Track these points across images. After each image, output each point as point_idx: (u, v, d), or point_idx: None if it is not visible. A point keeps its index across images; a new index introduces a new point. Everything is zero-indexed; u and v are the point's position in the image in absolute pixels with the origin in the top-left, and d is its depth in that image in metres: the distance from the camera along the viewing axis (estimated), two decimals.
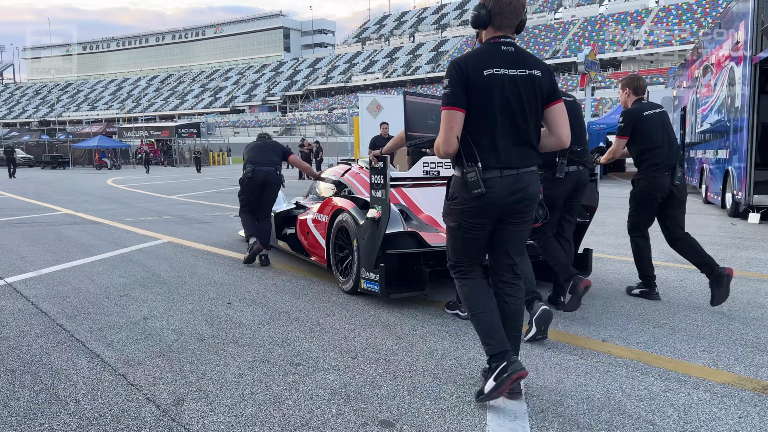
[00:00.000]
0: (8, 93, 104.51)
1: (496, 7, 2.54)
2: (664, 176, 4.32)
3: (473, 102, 2.48)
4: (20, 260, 6.04)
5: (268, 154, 6.17)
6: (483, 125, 2.49)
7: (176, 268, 5.66)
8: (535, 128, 2.59)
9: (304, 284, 5.03)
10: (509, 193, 2.49)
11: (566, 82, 62.83)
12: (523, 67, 2.53)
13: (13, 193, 15.49)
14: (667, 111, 4.64)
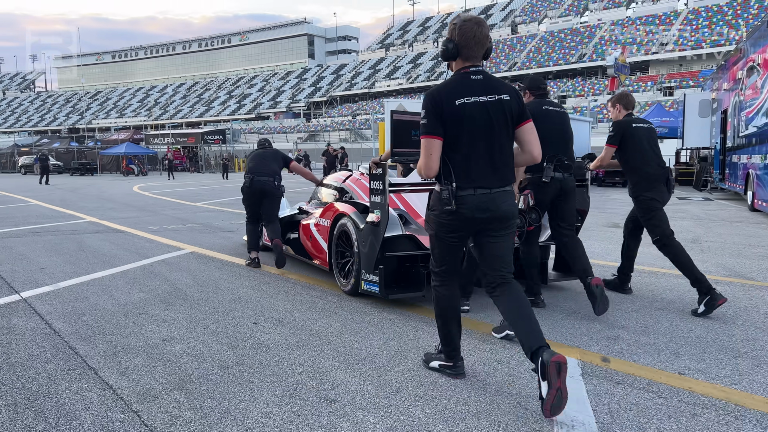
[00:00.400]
0: (40, 101, 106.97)
1: (462, 41, 2.75)
2: (661, 187, 4.55)
3: (448, 129, 2.71)
4: (39, 272, 5.79)
5: (268, 163, 6.17)
6: (458, 149, 2.73)
7: (199, 282, 5.35)
8: (508, 149, 2.81)
9: (335, 301, 4.66)
10: (481, 211, 2.70)
11: (593, 86, 61.77)
12: (492, 92, 2.75)
13: (39, 200, 15.50)
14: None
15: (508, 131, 2.79)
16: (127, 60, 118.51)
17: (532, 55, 68.83)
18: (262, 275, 5.69)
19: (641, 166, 4.59)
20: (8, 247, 7.40)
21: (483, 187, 2.72)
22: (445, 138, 2.72)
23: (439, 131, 2.71)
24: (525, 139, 2.84)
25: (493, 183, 2.74)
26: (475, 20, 2.79)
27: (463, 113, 2.71)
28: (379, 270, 4.29)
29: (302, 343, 3.60)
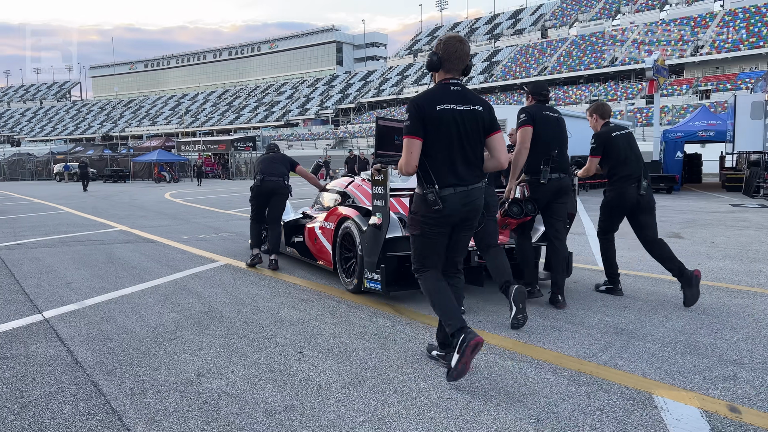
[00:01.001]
0: (75, 110, 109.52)
1: (445, 55, 3.05)
2: (631, 188, 4.76)
3: (429, 131, 3.00)
4: (65, 287, 5.40)
5: (277, 165, 6.59)
6: (438, 149, 3.02)
7: (236, 300, 4.87)
8: (480, 152, 3.14)
9: (388, 325, 4.12)
10: (462, 205, 3.04)
11: (625, 90, 60.23)
12: (468, 103, 3.07)
13: (71, 208, 15.39)
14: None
15: (480, 138, 3.13)
16: (159, 69, 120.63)
17: (563, 59, 67.58)
18: (302, 292, 5.19)
19: (620, 170, 4.83)
20: (36, 259, 7.07)
21: (461, 184, 3.05)
22: (425, 140, 3.01)
23: (420, 133, 3.00)
24: (494, 147, 3.16)
25: (468, 180, 3.08)
26: (457, 38, 3.11)
27: (442, 118, 3.02)
28: (381, 269, 4.60)
29: (359, 381, 3.06)
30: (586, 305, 4.66)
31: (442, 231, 3.10)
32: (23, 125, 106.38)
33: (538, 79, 65.94)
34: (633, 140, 4.90)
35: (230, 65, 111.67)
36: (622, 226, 5.10)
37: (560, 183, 4.51)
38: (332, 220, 5.56)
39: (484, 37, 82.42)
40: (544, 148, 4.44)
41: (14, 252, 7.64)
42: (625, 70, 62.82)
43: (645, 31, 64.38)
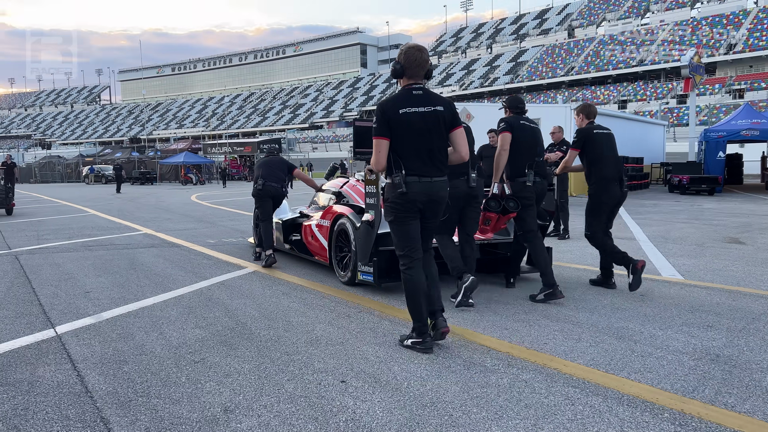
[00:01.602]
0: (105, 113, 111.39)
1: (407, 63, 3.43)
2: (615, 186, 5.06)
3: (395, 132, 3.38)
4: (83, 297, 5.00)
5: (276, 170, 6.86)
6: (403, 147, 3.41)
7: (266, 314, 4.40)
8: (443, 148, 3.49)
9: (441, 347, 3.59)
10: (424, 194, 3.42)
11: (655, 90, 58.64)
12: (429, 104, 3.42)
13: (97, 210, 15.21)
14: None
15: (442, 135, 3.45)
16: (186, 72, 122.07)
17: (590, 59, 66.21)
18: (338, 305, 4.70)
19: (600, 167, 5.10)
20: (56, 264, 6.72)
21: (425, 176, 3.40)
22: (392, 139, 3.37)
23: (386, 134, 3.36)
24: (456, 141, 3.51)
25: (432, 173, 3.42)
26: (417, 47, 3.45)
27: (405, 120, 3.35)
28: (373, 262, 4.94)
29: (415, 422, 2.55)
30: (665, 324, 4.07)
31: (411, 215, 3.45)
32: (54, 129, 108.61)
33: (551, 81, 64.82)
34: (613, 141, 5.26)
35: (256, 68, 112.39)
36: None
37: (542, 185, 5.00)
38: (328, 217, 5.90)
39: (510, 37, 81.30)
40: (526, 152, 4.86)
41: (35, 257, 7.33)
42: (655, 70, 61.27)
43: (675, 30, 62.67)
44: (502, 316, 4.32)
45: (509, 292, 5.14)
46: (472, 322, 4.14)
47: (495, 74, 73.35)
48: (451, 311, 4.35)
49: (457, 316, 4.28)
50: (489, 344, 3.62)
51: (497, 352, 3.49)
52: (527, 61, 72.20)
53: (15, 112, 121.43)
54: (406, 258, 3.50)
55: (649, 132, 26.47)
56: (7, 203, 13.79)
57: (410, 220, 3.45)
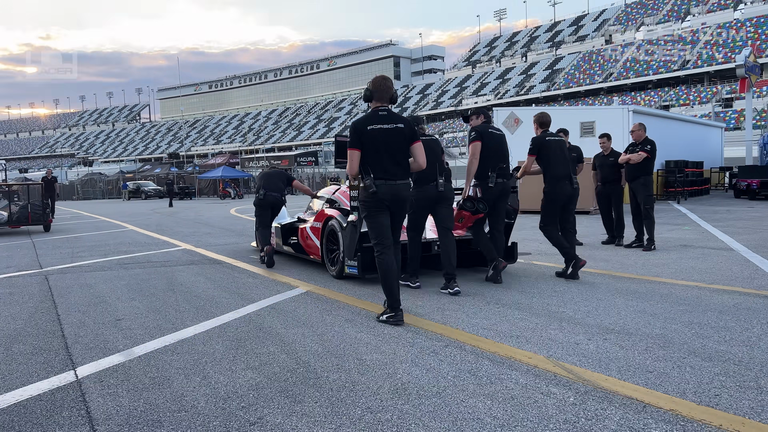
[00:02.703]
0: (144, 131, 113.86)
1: (375, 89, 4.30)
2: (565, 183, 5.85)
3: (364, 144, 4.19)
4: (112, 327, 4.25)
5: (276, 181, 7.68)
6: (372, 156, 4.21)
7: (332, 350, 3.55)
8: (405, 158, 4.33)
9: (574, 401, 2.67)
10: (390, 194, 4.21)
11: (699, 95, 56.23)
12: (392, 122, 4.26)
13: (136, 226, 14.75)
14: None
15: (403, 147, 4.31)
16: (222, 89, 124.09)
17: (629, 64, 64.23)
18: (416, 336, 3.81)
19: (552, 168, 5.80)
20: (87, 285, 6.05)
21: (390, 179, 4.22)
22: (363, 150, 4.20)
23: (358, 146, 4.21)
24: (415, 153, 4.37)
25: (396, 177, 4.25)
26: (384, 77, 4.40)
27: (373, 134, 4.21)
28: (357, 257, 5.55)
29: None
30: None
31: (381, 211, 4.22)
32: (97, 147, 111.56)
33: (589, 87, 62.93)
34: (564, 146, 6.05)
35: (290, 84, 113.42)
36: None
37: (503, 186, 5.61)
38: (320, 219, 6.58)
39: (545, 45, 79.80)
40: (493, 157, 5.51)
41: (65, 277, 6.69)
42: (698, 74, 58.95)
43: (718, 32, 60.33)
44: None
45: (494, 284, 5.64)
46: (605, 369, 3.21)
47: (531, 82, 71.91)
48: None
49: (587, 361, 3.35)
50: (643, 398, 2.68)
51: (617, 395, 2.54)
52: (564, 69, 70.57)
53: (59, 132, 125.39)
54: (379, 245, 4.28)
55: (707, 135, 24.89)
56: (45, 219, 13.43)
57: (380, 214, 4.27)
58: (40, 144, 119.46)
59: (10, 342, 3.91)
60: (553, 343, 3.60)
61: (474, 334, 3.82)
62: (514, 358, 3.30)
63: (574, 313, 4.37)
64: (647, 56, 63.52)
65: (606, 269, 6.36)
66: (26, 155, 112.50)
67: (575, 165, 8.52)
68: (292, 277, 6.24)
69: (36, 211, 13.25)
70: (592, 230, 10.12)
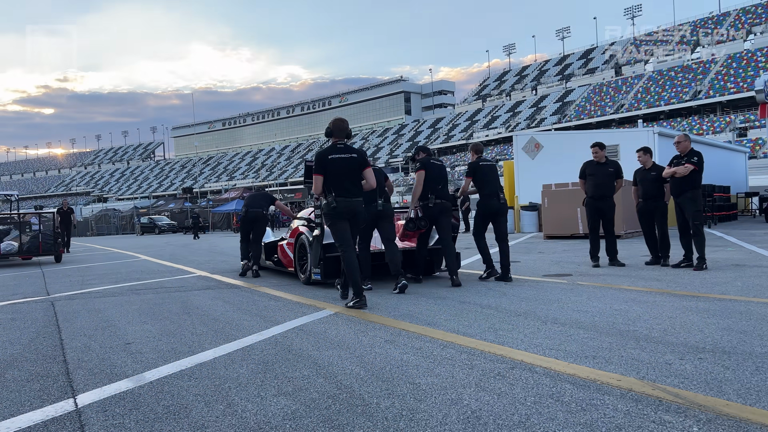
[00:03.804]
0: (158, 168, 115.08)
1: (334, 128, 5.42)
2: (494, 200, 6.91)
3: (327, 170, 5.23)
4: (121, 351, 3.74)
5: (259, 200, 8.60)
6: (333, 179, 5.22)
7: (376, 373, 3.01)
8: (359, 180, 5.36)
9: None
10: (347, 208, 5.21)
11: (712, 124, 55.73)
12: (348, 153, 5.31)
13: (149, 256, 14.33)
14: None
15: (357, 172, 5.34)
16: (235, 126, 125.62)
17: (641, 95, 64.14)
18: (471, 357, 3.25)
19: (484, 188, 6.96)
20: (96, 311, 5.55)
21: (347, 197, 5.21)
22: (325, 175, 5.23)
23: (321, 172, 5.24)
24: (366, 176, 5.39)
25: (351, 195, 5.25)
26: (341, 119, 5.50)
27: (332, 162, 5.23)
28: (320, 265, 6.53)
29: None
30: None
31: (342, 221, 5.25)
32: (112, 185, 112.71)
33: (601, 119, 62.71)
34: (495, 170, 7.14)
35: (303, 120, 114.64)
36: None
37: (443, 206, 6.54)
38: (293, 236, 7.61)
39: (555, 78, 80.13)
40: (433, 183, 6.53)
41: (73, 302, 6.21)
42: (710, 104, 58.64)
43: (729, 62, 60.27)
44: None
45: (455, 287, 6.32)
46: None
47: (542, 115, 71.95)
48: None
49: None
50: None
51: None
52: (574, 101, 70.64)
53: (75, 170, 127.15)
54: (343, 245, 5.24)
55: (732, 160, 24.27)
56: (56, 250, 13.05)
57: (341, 222, 5.24)
58: (56, 182, 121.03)
59: (4, 368, 3.41)
60: (639, 363, 3.03)
61: (541, 355, 3.26)
62: (600, 381, 2.74)
63: (648, 331, 3.79)
64: (658, 87, 63.49)
65: (661, 288, 5.77)
66: (42, 194, 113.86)
67: (613, 181, 8.03)
68: (317, 299, 5.72)
69: (47, 241, 12.89)
70: (632, 252, 9.51)
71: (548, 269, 7.72)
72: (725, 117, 57.16)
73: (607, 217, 7.89)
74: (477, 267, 8.29)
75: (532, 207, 16.90)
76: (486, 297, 5.49)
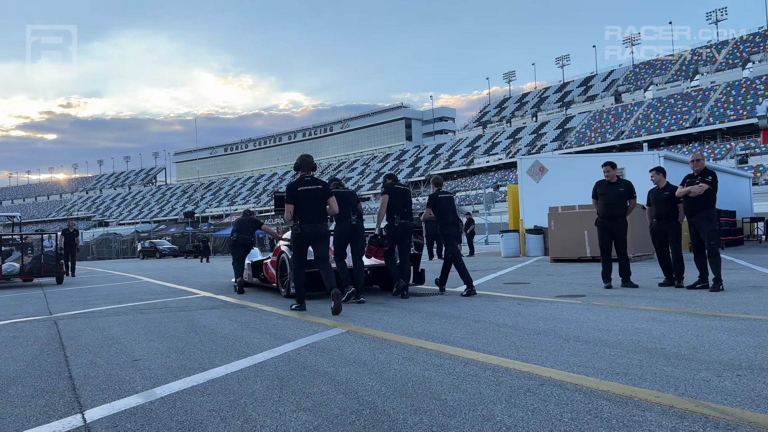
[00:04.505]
0: (160, 194, 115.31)
1: (301, 164, 6.41)
2: (453, 227, 7.71)
3: (296, 200, 6.18)
4: (129, 368, 3.59)
5: (247, 226, 9.61)
6: (301, 208, 6.18)
7: (398, 388, 2.86)
8: (323, 208, 6.31)
9: None
10: (311, 232, 6.20)
11: (713, 151, 56.02)
12: (315, 185, 6.28)
13: (151, 278, 14.16)
14: None
15: (322, 201, 6.31)
16: (237, 152, 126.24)
17: (641, 122, 64.57)
18: (496, 374, 3.11)
19: (443, 217, 7.65)
20: (100, 329, 5.41)
21: (312, 223, 6.20)
22: (295, 203, 6.20)
23: (291, 201, 6.22)
24: (330, 204, 6.38)
25: (316, 220, 6.23)
26: (307, 155, 6.53)
27: (301, 193, 6.21)
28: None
29: None
30: None
31: (303, 244, 6.30)
32: (113, 210, 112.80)
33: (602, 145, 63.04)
34: (452, 201, 7.86)
35: (304, 146, 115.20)
36: None
37: (406, 226, 7.37)
38: (275, 254, 8.33)
39: (555, 105, 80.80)
40: (397, 206, 7.34)
41: (76, 321, 6.06)
42: (710, 131, 59.05)
43: (728, 90, 60.86)
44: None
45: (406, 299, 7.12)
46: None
47: (542, 141, 72.34)
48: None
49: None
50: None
51: None
52: (575, 128, 71.09)
53: (77, 195, 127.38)
54: (296, 264, 6.38)
55: (736, 184, 24.23)
56: (58, 271, 12.90)
57: (302, 246, 6.30)
58: (58, 207, 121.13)
59: (6, 384, 3.26)
60: (675, 380, 2.89)
61: (570, 372, 3.12)
62: (637, 397, 2.60)
63: (677, 349, 3.65)
64: (658, 114, 63.97)
65: (680, 308, 5.62)
66: (44, 218, 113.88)
67: (625, 200, 7.93)
68: (326, 318, 5.57)
69: (49, 262, 12.75)
70: (643, 274, 9.37)
71: (560, 290, 7.57)
72: (726, 144, 57.50)
73: (618, 238, 7.78)
74: (486, 288, 8.16)
75: (538, 230, 16.78)
76: (501, 316, 5.34)
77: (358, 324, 5.10)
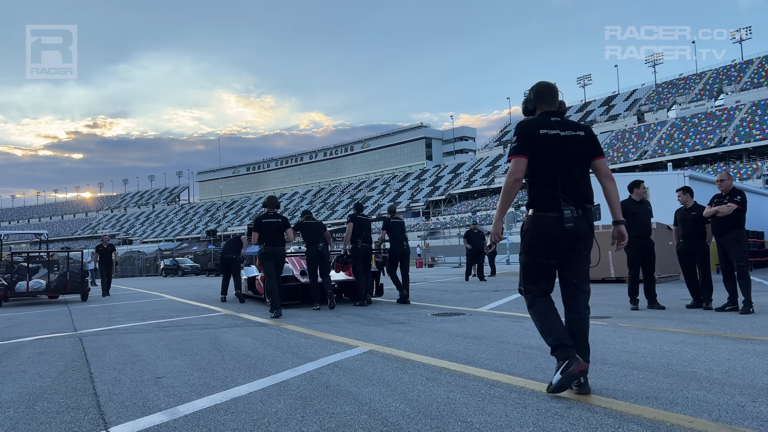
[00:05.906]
0: (183, 212, 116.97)
1: (268, 202, 8.71)
2: (402, 245, 9.57)
3: (261, 230, 8.26)
4: (152, 385, 3.61)
5: (230, 246, 11.98)
6: (264, 235, 8.23)
7: (423, 410, 2.83)
8: (281, 234, 8.33)
9: None
10: (273, 254, 8.20)
11: (738, 171, 54.99)
12: (276, 218, 8.38)
13: (174, 295, 14.29)
14: None
15: (281, 230, 8.31)
16: (259, 171, 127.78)
17: (664, 142, 63.83)
18: (521, 396, 3.05)
19: (394, 239, 9.51)
20: (123, 345, 5.45)
21: (273, 246, 8.20)
22: (260, 233, 8.22)
23: (257, 230, 8.25)
24: (287, 233, 8.33)
25: (276, 245, 8.23)
26: (272, 196, 8.69)
27: (265, 225, 8.25)
28: (279, 291, 8.38)
29: None
30: None
31: (269, 261, 8.09)
32: (137, 228, 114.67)
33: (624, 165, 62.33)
34: (403, 225, 9.80)
35: (325, 165, 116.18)
36: None
37: (366, 248, 9.24)
38: (262, 270, 9.09)
39: None
40: (359, 231, 9.21)
41: (101, 338, 6.12)
42: (736, 150, 58.12)
43: (753, 109, 59.93)
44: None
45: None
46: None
47: None
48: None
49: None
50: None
51: None
52: None
53: (102, 213, 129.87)
54: (267, 276, 8.14)
55: (763, 205, 23.69)
56: (83, 288, 13.10)
57: (269, 263, 8.11)
58: (83, 225, 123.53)
59: (33, 400, 3.30)
60: (708, 405, 2.80)
61: (597, 395, 3.04)
62: (670, 422, 2.52)
63: (709, 372, 3.54)
64: (682, 134, 63.24)
65: (710, 331, 5.47)
66: (69, 236, 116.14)
67: (650, 220, 7.81)
68: (348, 337, 5.54)
69: (74, 279, 12.95)
70: (669, 296, 9.17)
71: None
72: (752, 164, 56.51)
73: (649, 257, 7.65)
74: (509, 308, 8.06)
75: None
76: (525, 338, 5.26)
77: (380, 344, 5.06)
